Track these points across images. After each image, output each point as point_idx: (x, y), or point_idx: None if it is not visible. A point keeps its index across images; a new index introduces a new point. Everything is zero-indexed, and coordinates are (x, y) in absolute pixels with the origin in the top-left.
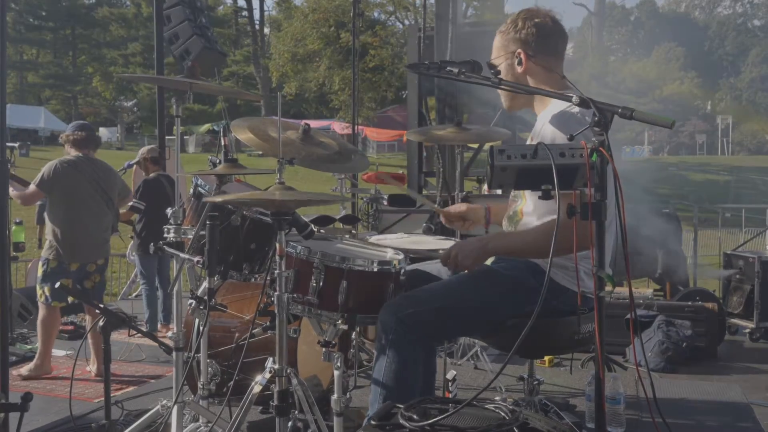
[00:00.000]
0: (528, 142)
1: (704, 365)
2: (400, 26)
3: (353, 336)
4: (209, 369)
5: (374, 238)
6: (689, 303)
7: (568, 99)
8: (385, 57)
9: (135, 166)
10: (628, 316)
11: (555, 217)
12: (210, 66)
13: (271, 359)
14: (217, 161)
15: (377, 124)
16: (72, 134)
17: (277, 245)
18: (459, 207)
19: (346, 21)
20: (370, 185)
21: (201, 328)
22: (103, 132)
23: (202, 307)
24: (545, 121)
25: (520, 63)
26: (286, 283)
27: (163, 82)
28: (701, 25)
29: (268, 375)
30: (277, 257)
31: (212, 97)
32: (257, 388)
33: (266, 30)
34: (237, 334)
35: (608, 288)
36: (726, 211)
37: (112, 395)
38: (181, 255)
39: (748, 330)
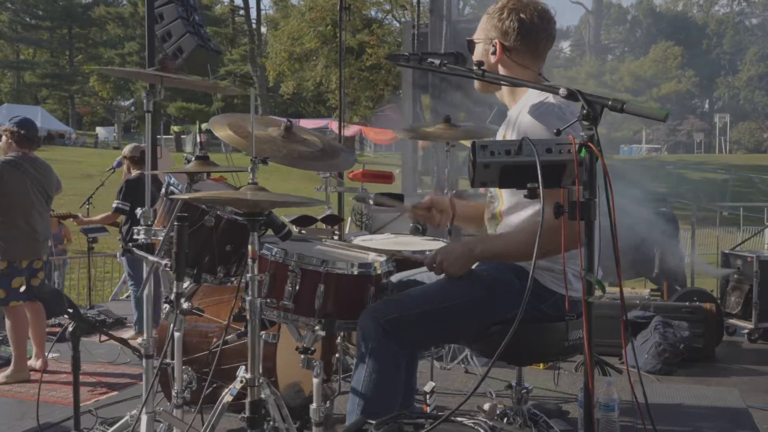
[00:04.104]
0: (500, 134)
1: (702, 367)
2: (397, 24)
3: (338, 340)
4: (184, 376)
5: (359, 239)
6: (686, 303)
7: (555, 91)
8: (381, 55)
9: (124, 165)
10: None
11: (539, 216)
12: (203, 64)
13: (243, 367)
14: (192, 159)
15: (376, 123)
16: (16, 130)
17: (249, 247)
18: (423, 201)
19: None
20: (356, 184)
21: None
22: (100, 131)
23: (177, 311)
24: (522, 111)
25: (494, 53)
26: (260, 287)
27: (134, 75)
28: (699, 23)
29: (239, 384)
30: (249, 260)
31: (209, 96)
32: (228, 398)
33: (263, 29)
34: (214, 340)
35: (598, 293)
36: (724, 209)
37: (94, 400)
38: (150, 257)
39: (746, 330)
